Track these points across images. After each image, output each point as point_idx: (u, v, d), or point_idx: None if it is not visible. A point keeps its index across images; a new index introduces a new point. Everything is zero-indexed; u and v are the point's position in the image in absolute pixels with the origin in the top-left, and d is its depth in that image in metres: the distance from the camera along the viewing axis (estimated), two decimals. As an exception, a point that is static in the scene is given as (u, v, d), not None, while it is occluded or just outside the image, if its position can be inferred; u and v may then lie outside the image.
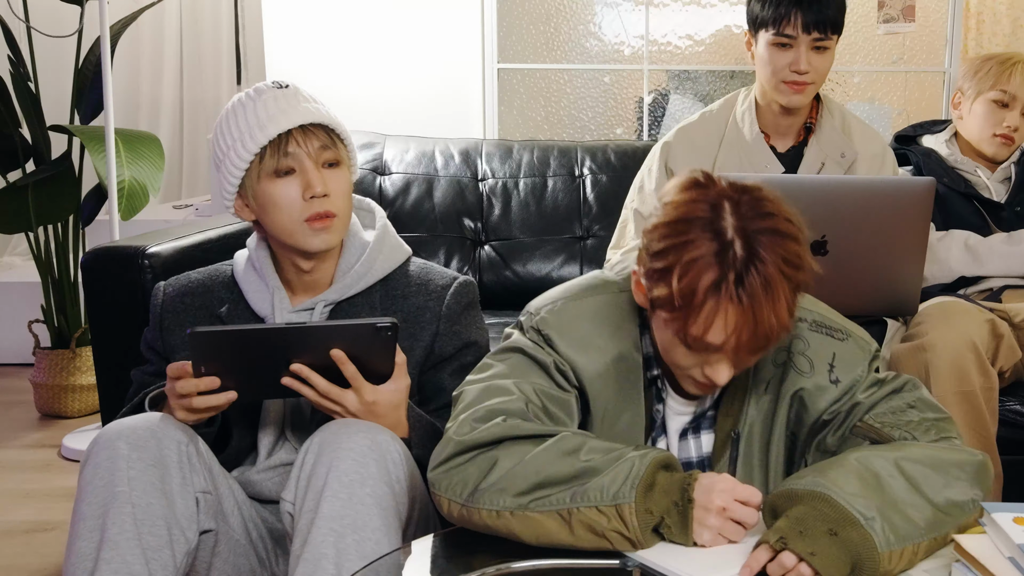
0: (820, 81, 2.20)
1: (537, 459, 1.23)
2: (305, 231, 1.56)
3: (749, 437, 1.37)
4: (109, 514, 1.34)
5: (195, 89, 4.77)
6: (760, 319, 1.19)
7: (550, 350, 1.37)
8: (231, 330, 1.41)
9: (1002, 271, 2.23)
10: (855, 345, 1.38)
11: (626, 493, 1.18)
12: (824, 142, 2.24)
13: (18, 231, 3.45)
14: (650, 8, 4.06)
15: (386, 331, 1.43)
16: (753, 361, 1.31)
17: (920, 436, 1.28)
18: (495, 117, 3.93)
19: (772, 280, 1.19)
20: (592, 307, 1.40)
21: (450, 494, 1.26)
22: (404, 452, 1.41)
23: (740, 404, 1.37)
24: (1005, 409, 2.05)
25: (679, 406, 1.40)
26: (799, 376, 1.35)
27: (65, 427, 3.33)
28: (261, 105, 1.55)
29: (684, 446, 1.41)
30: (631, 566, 1.19)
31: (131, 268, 1.94)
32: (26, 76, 3.32)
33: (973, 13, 4.04)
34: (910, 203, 1.83)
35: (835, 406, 1.34)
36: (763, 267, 1.19)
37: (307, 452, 1.39)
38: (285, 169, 1.55)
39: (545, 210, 2.78)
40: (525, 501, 1.21)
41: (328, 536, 1.30)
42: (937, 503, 1.18)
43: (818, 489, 1.13)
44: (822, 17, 2.11)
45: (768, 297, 1.19)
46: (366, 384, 1.46)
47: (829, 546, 1.10)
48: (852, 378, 1.35)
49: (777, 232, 1.21)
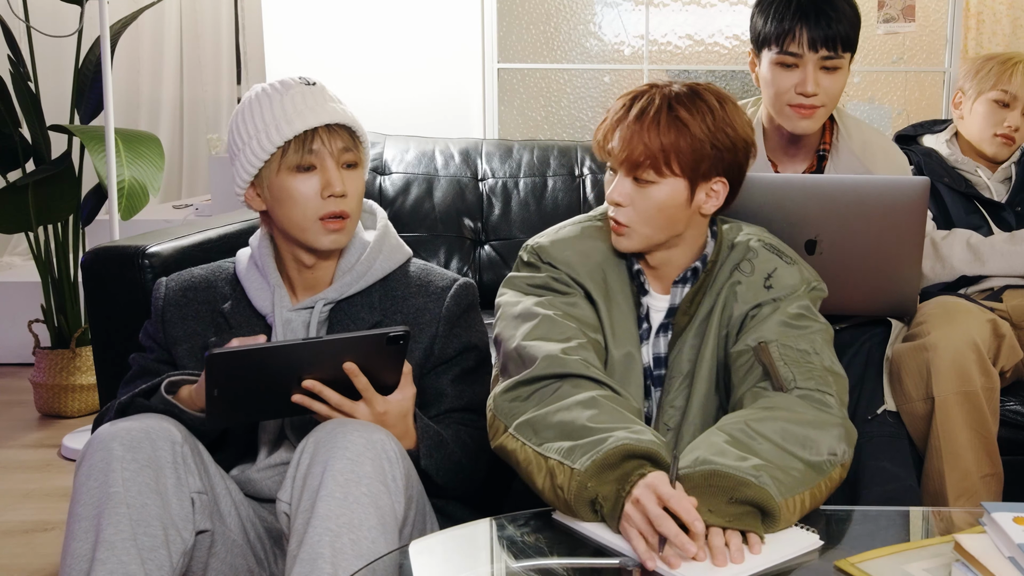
0: (832, 104, 1.99)
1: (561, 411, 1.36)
2: (318, 229, 1.57)
3: (697, 334, 1.55)
4: (104, 515, 1.34)
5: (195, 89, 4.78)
6: (631, 126, 1.49)
7: (544, 266, 1.59)
8: (249, 349, 1.40)
9: (1004, 270, 2.23)
10: (798, 272, 1.57)
11: (583, 462, 1.27)
12: (842, 168, 2.04)
13: (18, 231, 3.45)
14: (650, 8, 4.06)
15: (398, 340, 1.42)
16: (643, 201, 1.51)
17: (802, 383, 1.42)
18: (495, 117, 3.93)
19: (657, 104, 1.50)
20: (575, 226, 1.65)
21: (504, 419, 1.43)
22: (400, 451, 1.41)
23: (697, 307, 1.57)
24: (1006, 409, 2.05)
25: (657, 303, 1.60)
26: (739, 275, 1.56)
27: (65, 427, 3.33)
28: (288, 99, 1.56)
29: (656, 343, 1.59)
30: (631, 566, 1.20)
31: (131, 268, 1.94)
32: (26, 76, 3.32)
33: (973, 13, 4.03)
34: (905, 203, 1.81)
35: (760, 309, 1.52)
36: (660, 98, 1.51)
37: (303, 452, 1.39)
38: (307, 165, 1.56)
39: (545, 210, 2.78)
40: (538, 440, 1.35)
41: (324, 536, 1.30)
42: (805, 459, 1.31)
43: (706, 468, 1.25)
44: (831, 33, 1.90)
45: (646, 111, 1.49)
46: (377, 395, 1.46)
47: (736, 512, 1.22)
48: (782, 290, 1.54)
49: (697, 92, 1.54)
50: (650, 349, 1.59)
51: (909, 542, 1.29)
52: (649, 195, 1.51)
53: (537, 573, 1.23)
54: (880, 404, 1.94)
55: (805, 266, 1.60)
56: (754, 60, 2.04)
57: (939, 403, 1.90)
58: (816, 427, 1.35)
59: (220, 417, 1.44)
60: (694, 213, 1.55)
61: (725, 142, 1.50)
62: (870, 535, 1.36)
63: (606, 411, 1.35)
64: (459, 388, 1.67)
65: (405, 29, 3.81)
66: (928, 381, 1.91)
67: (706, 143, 1.49)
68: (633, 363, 1.55)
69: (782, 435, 1.33)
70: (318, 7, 3.79)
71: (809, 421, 1.36)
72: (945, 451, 1.91)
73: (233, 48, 4.61)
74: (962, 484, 1.91)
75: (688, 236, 1.57)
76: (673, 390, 1.55)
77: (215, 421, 1.45)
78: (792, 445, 1.32)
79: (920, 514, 1.53)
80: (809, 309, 1.54)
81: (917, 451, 1.97)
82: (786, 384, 1.42)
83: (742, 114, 1.55)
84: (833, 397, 1.42)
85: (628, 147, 1.50)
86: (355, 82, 3.79)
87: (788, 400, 1.39)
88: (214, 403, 1.40)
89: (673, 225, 1.54)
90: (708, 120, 1.49)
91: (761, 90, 2.05)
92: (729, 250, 1.59)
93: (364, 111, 3.65)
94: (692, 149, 1.49)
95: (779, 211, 1.77)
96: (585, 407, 1.35)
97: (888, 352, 2.00)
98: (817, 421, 1.37)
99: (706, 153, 1.50)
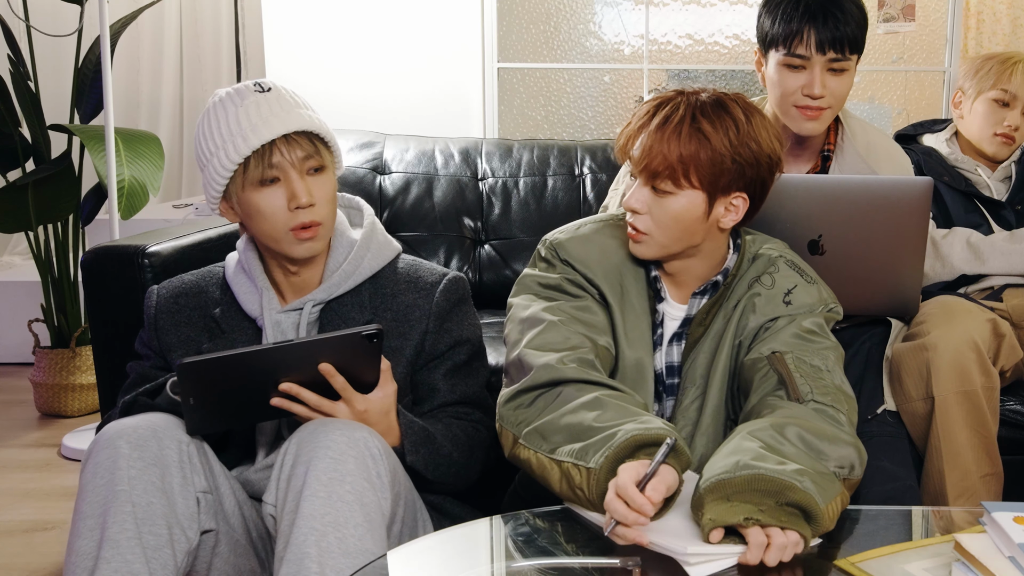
0: (838, 106, 1.98)
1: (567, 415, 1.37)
2: (290, 239, 1.56)
3: (712, 345, 1.55)
4: (109, 513, 1.34)
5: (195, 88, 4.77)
6: (652, 134, 1.47)
7: (560, 265, 1.57)
8: (221, 356, 1.39)
9: (1004, 269, 2.23)
10: (818, 291, 1.57)
11: (597, 459, 1.28)
12: (846, 169, 2.04)
13: (18, 230, 3.45)
14: (650, 7, 4.06)
15: (372, 338, 1.42)
16: (660, 211, 1.49)
17: (818, 396, 1.41)
18: (495, 116, 3.93)
19: (682, 113, 1.47)
20: (596, 223, 1.63)
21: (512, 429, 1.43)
22: (384, 448, 1.41)
23: (713, 318, 1.56)
24: (1006, 409, 2.05)
25: (673, 311, 1.58)
26: (759, 287, 1.55)
27: (65, 426, 3.33)
28: (243, 112, 1.53)
29: (670, 351, 1.58)
30: (631, 566, 1.19)
31: (131, 267, 1.94)
32: (26, 75, 3.32)
33: (973, 12, 4.03)
34: (908, 203, 1.80)
35: (775, 322, 1.52)
36: (685, 107, 1.49)
37: (286, 453, 1.39)
38: (270, 178, 1.54)
39: (545, 209, 2.78)
40: (548, 447, 1.36)
41: (310, 535, 1.30)
42: (828, 469, 1.30)
43: (750, 473, 1.22)
44: (839, 34, 1.89)
45: (669, 121, 1.47)
46: (356, 394, 1.46)
47: (787, 514, 1.20)
48: (800, 308, 1.53)
49: (724, 103, 1.50)
50: (663, 356, 1.58)
51: (909, 542, 1.29)
52: (666, 205, 1.49)
53: (537, 572, 1.23)
54: (880, 404, 1.94)
55: (824, 287, 1.60)
56: (760, 60, 2.02)
57: (939, 403, 1.90)
58: (831, 441, 1.35)
59: (199, 425, 1.44)
60: (712, 226, 1.52)
61: (748, 157, 1.47)
62: (870, 535, 1.36)
63: (611, 408, 1.35)
64: (451, 382, 1.67)
65: (405, 29, 3.81)
66: (928, 381, 1.91)
67: (727, 157, 1.46)
68: (644, 369, 1.55)
69: (805, 443, 1.32)
70: (318, 6, 3.79)
71: (826, 434, 1.35)
72: (945, 451, 1.91)
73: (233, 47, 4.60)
74: (962, 484, 1.91)
75: (706, 248, 1.55)
76: (687, 400, 1.55)
77: (195, 429, 1.45)
78: (815, 453, 1.32)
79: (920, 514, 1.53)
80: (822, 327, 1.53)
81: (917, 451, 1.97)
82: (803, 396, 1.41)
83: (770, 128, 1.52)
84: (844, 416, 1.42)
85: (648, 155, 1.48)
86: (355, 81, 3.79)
87: (805, 411, 1.38)
88: (191, 411, 1.41)
89: (690, 236, 1.52)
90: (731, 133, 1.46)
91: (767, 90, 2.03)
92: (750, 263, 1.58)
93: (364, 110, 3.68)
94: (712, 162, 1.46)
95: (783, 211, 1.77)
96: (590, 408, 1.35)
97: (888, 352, 2.00)
98: (832, 435, 1.36)
99: (726, 167, 1.46)
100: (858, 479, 1.38)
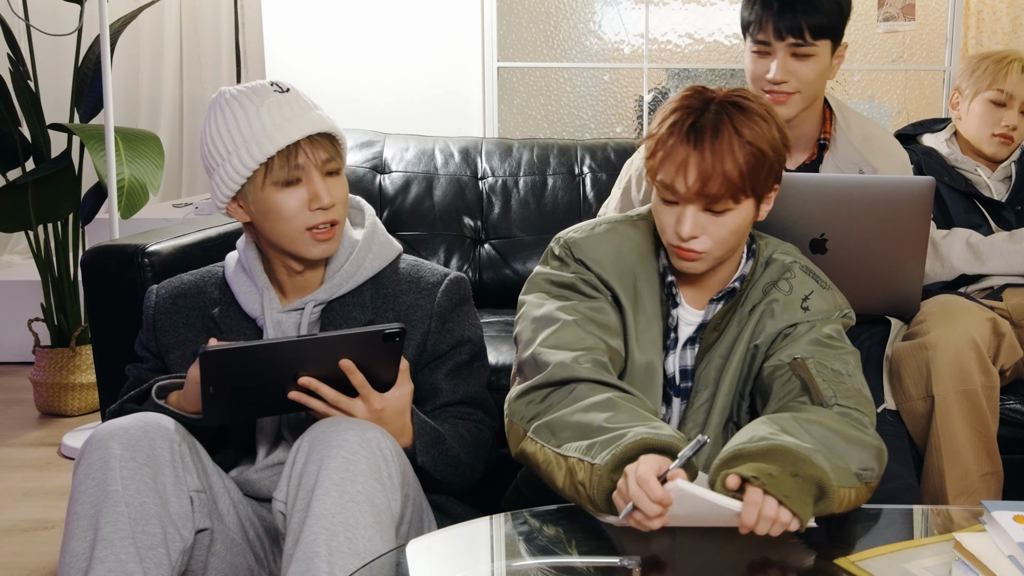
0: (808, 91, 2.00)
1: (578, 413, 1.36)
2: (307, 240, 1.56)
3: (726, 349, 1.54)
4: (102, 513, 1.34)
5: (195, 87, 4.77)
6: (703, 158, 1.38)
7: (574, 264, 1.55)
8: (243, 347, 1.39)
9: (1004, 269, 2.23)
10: (833, 297, 1.57)
11: (603, 456, 1.27)
12: (840, 159, 2.06)
13: (18, 229, 3.44)
14: (650, 6, 4.06)
15: (395, 337, 1.42)
16: (717, 228, 1.45)
17: (842, 400, 1.41)
18: (495, 115, 3.93)
19: (721, 127, 1.39)
20: (611, 224, 1.61)
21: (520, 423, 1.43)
22: (395, 448, 1.41)
23: (727, 323, 1.55)
24: (1006, 408, 2.05)
25: (689, 316, 1.57)
26: (777, 292, 1.55)
27: (65, 425, 3.33)
28: (266, 111, 1.52)
29: (683, 355, 1.57)
30: (631, 566, 1.20)
31: (131, 266, 1.94)
32: (26, 74, 3.32)
33: (973, 11, 4.03)
34: (910, 202, 1.81)
35: (795, 328, 1.51)
36: (716, 116, 1.40)
37: (298, 451, 1.39)
38: (295, 179, 1.54)
39: (545, 208, 2.78)
40: (556, 442, 1.35)
41: (320, 535, 1.30)
42: (847, 465, 1.31)
43: (767, 443, 1.25)
44: (796, 23, 1.93)
45: (714, 139, 1.38)
46: (374, 392, 1.46)
47: (795, 488, 1.22)
48: (818, 314, 1.53)
49: (746, 106, 1.42)
50: (676, 360, 1.57)
51: (909, 541, 1.29)
52: (725, 223, 1.45)
53: (538, 571, 1.23)
54: (880, 403, 1.94)
55: (838, 292, 1.60)
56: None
57: (939, 402, 1.90)
58: (854, 443, 1.35)
59: (217, 414, 1.44)
60: (752, 224, 1.52)
61: (779, 146, 1.45)
62: (870, 534, 1.36)
63: (623, 411, 1.35)
64: (454, 382, 1.67)
65: (405, 28, 3.81)
66: (928, 380, 1.91)
67: (769, 154, 1.43)
68: (654, 372, 1.54)
69: (827, 441, 1.32)
70: (318, 5, 3.79)
71: (849, 436, 1.35)
72: (945, 450, 1.91)
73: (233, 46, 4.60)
74: (962, 483, 1.91)
75: (738, 249, 1.55)
76: (699, 403, 1.55)
77: (212, 418, 1.45)
78: (837, 453, 1.32)
79: (920, 512, 1.53)
80: (840, 333, 1.54)
81: (917, 450, 1.97)
82: (827, 400, 1.41)
83: (772, 106, 1.51)
84: (868, 418, 1.42)
85: (704, 182, 1.40)
86: (355, 81, 3.79)
87: (828, 414, 1.38)
88: (210, 400, 1.40)
89: (740, 242, 1.51)
90: (765, 129, 1.42)
91: None
92: (763, 268, 1.58)
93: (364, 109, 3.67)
94: (760, 165, 1.42)
95: (785, 209, 1.77)
96: (602, 409, 1.35)
97: (888, 351, 2.00)
98: (856, 437, 1.36)
99: (769, 164, 1.44)
100: (877, 481, 1.37)
